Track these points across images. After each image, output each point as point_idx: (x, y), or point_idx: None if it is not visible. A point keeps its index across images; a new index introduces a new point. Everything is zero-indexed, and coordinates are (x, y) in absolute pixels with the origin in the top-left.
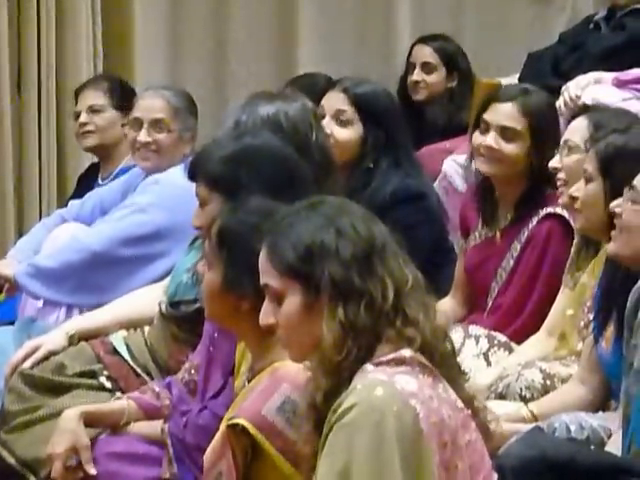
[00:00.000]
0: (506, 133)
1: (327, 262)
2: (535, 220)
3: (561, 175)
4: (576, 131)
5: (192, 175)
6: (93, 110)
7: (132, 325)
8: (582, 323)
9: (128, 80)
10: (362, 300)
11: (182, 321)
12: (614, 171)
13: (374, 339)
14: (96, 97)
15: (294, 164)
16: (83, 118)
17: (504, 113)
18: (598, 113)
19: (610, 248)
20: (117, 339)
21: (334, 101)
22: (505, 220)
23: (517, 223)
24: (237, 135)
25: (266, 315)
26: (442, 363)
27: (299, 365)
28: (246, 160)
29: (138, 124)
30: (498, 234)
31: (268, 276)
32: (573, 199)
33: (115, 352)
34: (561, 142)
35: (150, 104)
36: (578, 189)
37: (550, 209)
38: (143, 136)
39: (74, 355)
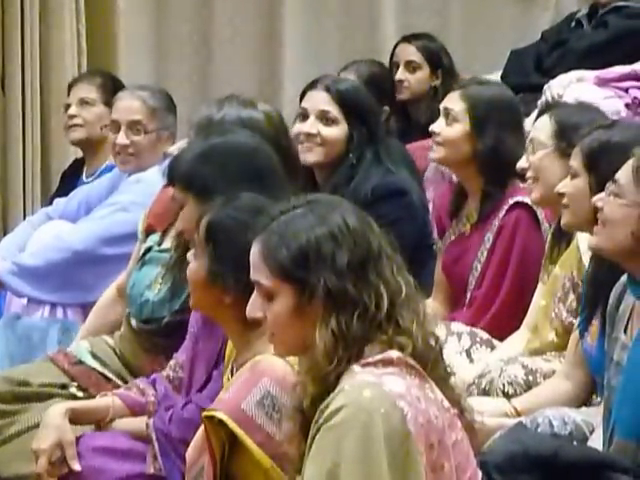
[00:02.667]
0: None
1: (323, 270)
2: (505, 210)
3: (530, 173)
4: (540, 129)
5: (169, 180)
6: (83, 103)
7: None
8: (553, 313)
9: None
10: (356, 310)
11: (155, 335)
12: (599, 166)
13: (364, 344)
14: (88, 91)
15: (262, 157)
16: (72, 110)
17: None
18: (560, 109)
19: (591, 241)
20: (80, 351)
21: (317, 101)
22: (476, 213)
23: (486, 215)
24: (205, 136)
25: (254, 308)
26: (432, 367)
27: (280, 359)
28: (211, 158)
29: (116, 126)
30: (468, 227)
31: (260, 274)
32: (560, 195)
33: (80, 363)
34: (527, 141)
35: (127, 106)
36: (565, 185)
37: (517, 198)
38: (121, 138)
39: (36, 372)
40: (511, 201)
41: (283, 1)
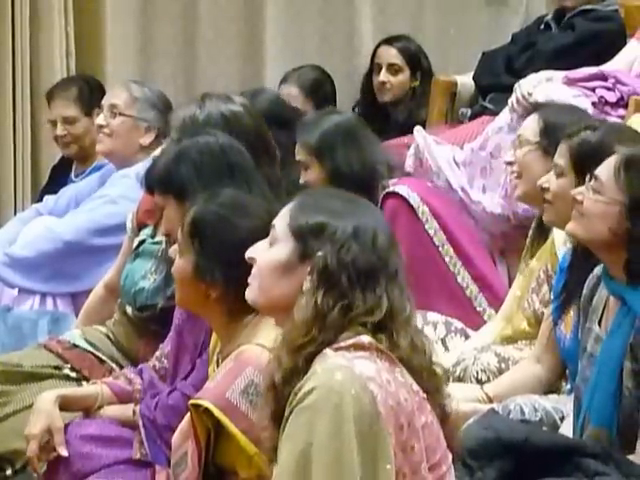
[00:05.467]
0: None
1: (329, 248)
2: (379, 201)
3: (515, 168)
4: (528, 127)
5: (147, 187)
6: (67, 122)
7: None
8: (526, 303)
9: (99, 78)
10: (341, 301)
11: (150, 322)
12: (588, 168)
13: (340, 332)
14: (67, 108)
15: (233, 154)
16: (59, 131)
17: None
18: (548, 109)
19: (568, 228)
20: (74, 336)
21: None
22: None
23: None
24: (177, 140)
25: (254, 249)
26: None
27: (263, 349)
28: (185, 159)
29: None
30: None
31: (280, 221)
32: (543, 190)
33: (74, 347)
34: (514, 137)
35: (112, 92)
36: (548, 181)
37: (390, 188)
38: (99, 119)
39: (29, 356)
40: (384, 192)
41: (264, 4)
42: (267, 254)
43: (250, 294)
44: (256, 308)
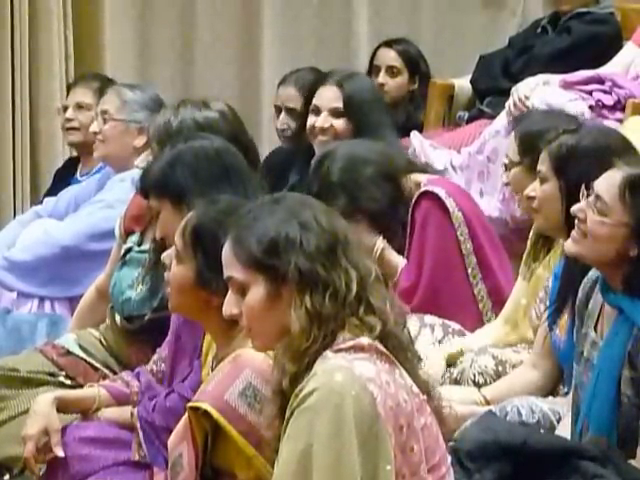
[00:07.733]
0: None
1: (293, 254)
2: (414, 199)
3: (511, 188)
4: (509, 147)
5: (142, 191)
6: (80, 107)
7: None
8: (534, 312)
9: None
10: (327, 290)
11: (139, 332)
12: (568, 171)
13: (337, 327)
14: (85, 95)
15: (228, 157)
16: (69, 114)
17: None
18: (524, 124)
19: (570, 248)
20: (68, 342)
21: None
22: None
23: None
24: (172, 144)
25: (230, 306)
26: (401, 350)
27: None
28: (181, 162)
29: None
30: None
31: (232, 269)
32: (529, 199)
33: (68, 353)
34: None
35: (103, 98)
36: (534, 189)
37: (426, 187)
38: (93, 126)
39: (25, 361)
40: (419, 191)
41: (261, 8)
42: (246, 305)
43: (257, 345)
44: (270, 351)
